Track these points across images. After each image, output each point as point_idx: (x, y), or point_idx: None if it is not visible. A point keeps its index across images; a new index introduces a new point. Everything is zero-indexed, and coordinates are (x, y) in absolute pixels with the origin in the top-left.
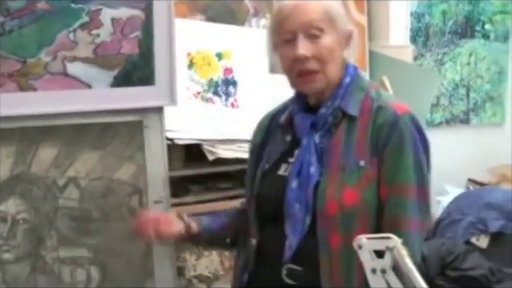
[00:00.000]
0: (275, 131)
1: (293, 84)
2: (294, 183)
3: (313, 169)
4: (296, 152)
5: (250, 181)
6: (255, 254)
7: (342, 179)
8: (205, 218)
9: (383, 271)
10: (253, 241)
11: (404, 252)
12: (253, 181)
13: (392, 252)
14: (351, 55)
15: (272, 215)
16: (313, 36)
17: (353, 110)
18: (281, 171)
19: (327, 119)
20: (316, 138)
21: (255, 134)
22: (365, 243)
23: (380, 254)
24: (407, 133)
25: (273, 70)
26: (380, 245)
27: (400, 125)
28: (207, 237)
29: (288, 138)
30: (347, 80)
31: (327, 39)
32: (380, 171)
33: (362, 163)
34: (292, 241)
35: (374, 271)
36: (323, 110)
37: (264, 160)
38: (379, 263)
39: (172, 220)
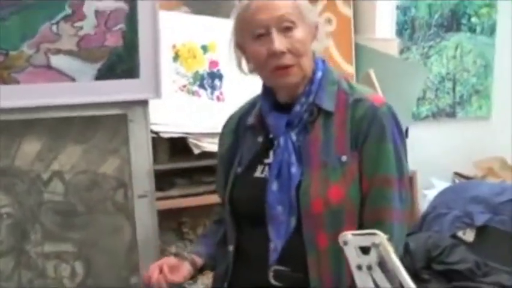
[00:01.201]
0: (244, 133)
1: (268, 79)
2: (274, 185)
3: (294, 169)
4: (272, 152)
5: (223, 186)
6: (235, 259)
7: (326, 176)
8: (200, 247)
9: (369, 267)
10: (231, 247)
11: (390, 248)
12: (225, 185)
13: (377, 248)
14: (321, 47)
15: (250, 218)
16: (286, 30)
17: (328, 105)
18: (257, 173)
19: (302, 116)
20: (293, 136)
21: (223, 138)
22: (351, 239)
23: (365, 250)
24: (387, 125)
25: None
26: (366, 241)
27: (379, 117)
28: (212, 263)
29: (260, 139)
30: (319, 74)
31: (300, 32)
32: (360, 164)
33: (344, 158)
34: (277, 244)
35: (359, 267)
36: (297, 108)
37: (236, 163)
38: (365, 260)
39: (177, 264)
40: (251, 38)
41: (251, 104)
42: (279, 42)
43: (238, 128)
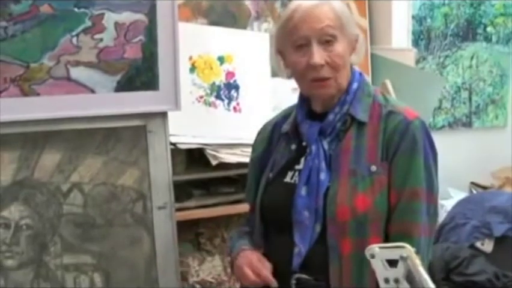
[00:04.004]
0: (278, 140)
1: (304, 88)
2: (303, 190)
3: (323, 175)
4: (303, 159)
5: (254, 191)
6: None
7: (354, 184)
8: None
9: (396, 280)
10: (260, 251)
11: (417, 261)
12: (256, 191)
13: (405, 261)
14: (359, 59)
15: (279, 223)
16: (326, 43)
17: (362, 115)
18: (288, 179)
19: (335, 125)
20: (325, 144)
21: (256, 144)
22: (378, 252)
23: (393, 263)
24: (418, 139)
25: (275, 74)
26: (394, 255)
27: (411, 130)
28: None
29: (294, 146)
30: (355, 85)
31: (340, 46)
32: (390, 176)
33: (373, 168)
34: (301, 248)
35: (387, 280)
36: (331, 117)
37: (268, 169)
38: (392, 272)
39: (258, 257)
40: (292, 47)
41: (287, 113)
42: (318, 56)
43: (272, 135)
